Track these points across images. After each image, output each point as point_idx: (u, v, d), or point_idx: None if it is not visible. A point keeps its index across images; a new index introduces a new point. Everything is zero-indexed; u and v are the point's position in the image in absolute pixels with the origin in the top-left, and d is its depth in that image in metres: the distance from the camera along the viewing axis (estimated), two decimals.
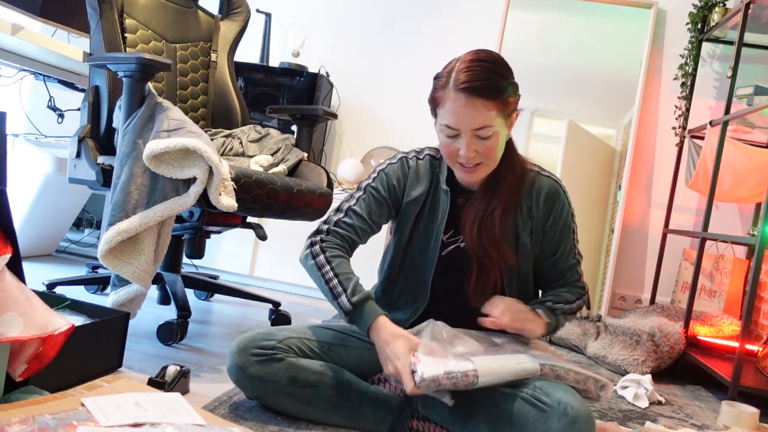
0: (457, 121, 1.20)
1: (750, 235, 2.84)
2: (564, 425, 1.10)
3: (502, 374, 1.15)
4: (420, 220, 1.37)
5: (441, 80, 1.24)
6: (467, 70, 1.19)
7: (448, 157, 1.27)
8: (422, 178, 1.37)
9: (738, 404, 1.72)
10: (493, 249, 1.29)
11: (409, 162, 1.38)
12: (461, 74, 1.19)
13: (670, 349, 2.16)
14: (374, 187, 1.37)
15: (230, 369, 1.26)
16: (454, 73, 1.20)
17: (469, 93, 1.18)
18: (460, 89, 1.18)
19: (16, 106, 2.55)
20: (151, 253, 1.54)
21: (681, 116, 2.98)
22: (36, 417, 0.86)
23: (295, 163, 1.98)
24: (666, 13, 3.09)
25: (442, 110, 1.23)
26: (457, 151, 1.24)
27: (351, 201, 1.36)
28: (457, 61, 1.23)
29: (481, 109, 1.18)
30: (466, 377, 1.11)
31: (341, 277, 1.26)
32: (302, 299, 2.77)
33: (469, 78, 1.18)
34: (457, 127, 1.21)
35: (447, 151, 1.26)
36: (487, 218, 1.29)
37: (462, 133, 1.21)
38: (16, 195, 2.47)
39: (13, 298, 0.94)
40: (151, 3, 1.98)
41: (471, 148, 1.21)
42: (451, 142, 1.24)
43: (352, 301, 1.23)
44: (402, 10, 3.27)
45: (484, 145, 1.22)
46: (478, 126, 1.20)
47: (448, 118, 1.21)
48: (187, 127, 1.54)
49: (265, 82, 2.94)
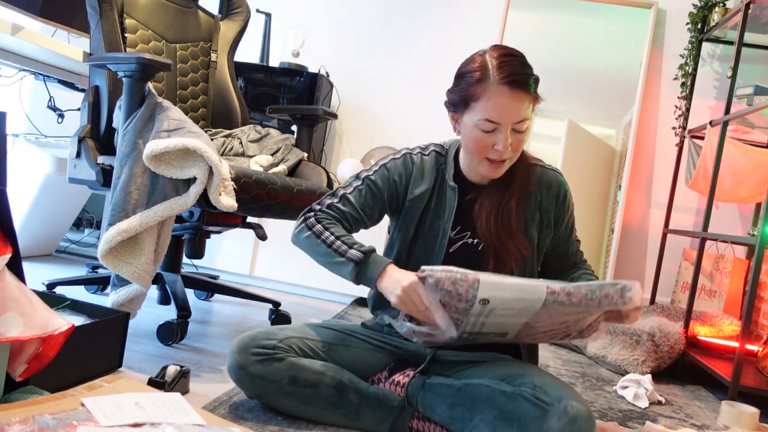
0: (501, 114, 1.20)
1: (750, 235, 2.84)
2: (564, 424, 1.10)
3: (504, 286, 1.07)
4: (425, 216, 1.36)
5: (474, 75, 1.22)
6: (506, 65, 1.20)
7: (479, 152, 1.25)
8: (427, 175, 1.36)
9: (738, 404, 1.72)
10: (510, 240, 1.30)
11: (414, 158, 1.38)
12: (502, 68, 1.19)
13: (670, 349, 2.16)
14: (372, 180, 1.36)
15: (231, 368, 1.26)
16: (492, 68, 1.20)
17: (513, 86, 1.19)
18: (505, 83, 1.18)
19: (16, 106, 2.55)
20: (151, 253, 1.54)
21: (681, 116, 2.98)
22: (36, 417, 0.86)
23: (295, 163, 1.98)
24: (666, 13, 3.09)
25: (480, 104, 1.21)
26: (491, 146, 1.23)
27: (347, 188, 1.36)
28: (484, 56, 1.23)
29: (524, 101, 1.20)
30: (466, 279, 1.06)
31: (343, 237, 1.27)
32: (302, 299, 2.77)
33: (511, 72, 1.19)
34: (500, 121, 1.20)
35: (480, 146, 1.24)
36: (503, 209, 1.30)
37: (502, 126, 1.21)
38: (16, 195, 2.47)
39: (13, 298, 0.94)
40: (151, 3, 1.98)
41: (508, 143, 1.22)
42: (487, 137, 1.23)
43: (362, 250, 1.24)
44: (402, 10, 3.27)
45: (518, 139, 1.24)
46: (519, 119, 1.21)
47: (489, 112, 1.20)
48: (187, 127, 1.54)
49: (265, 82, 2.94)
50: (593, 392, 1.85)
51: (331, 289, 2.80)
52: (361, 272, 1.24)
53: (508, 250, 1.31)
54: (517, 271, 1.34)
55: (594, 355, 2.30)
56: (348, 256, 1.24)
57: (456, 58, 1.37)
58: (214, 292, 2.42)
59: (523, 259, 1.34)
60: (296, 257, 2.81)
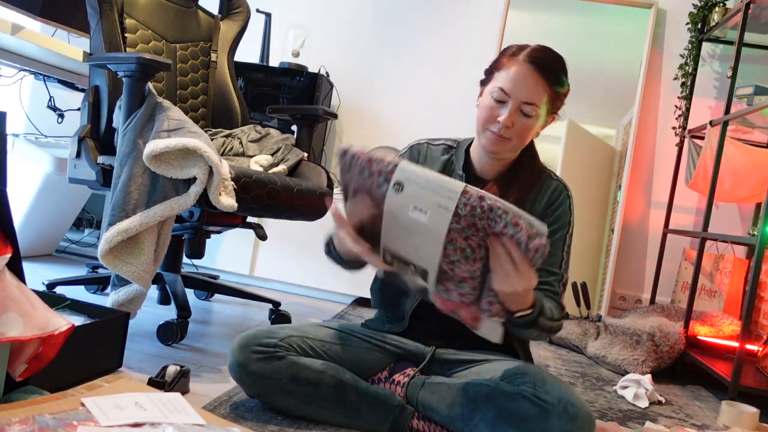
0: (513, 87, 1.24)
1: (750, 235, 2.84)
2: (564, 423, 1.10)
3: (421, 174, 1.01)
4: None
5: (511, 50, 1.29)
6: (541, 51, 1.27)
7: (485, 121, 1.28)
8: (434, 162, 1.38)
9: (738, 404, 1.72)
10: None
11: (420, 148, 1.41)
12: (535, 51, 1.26)
13: (670, 349, 2.16)
14: None
15: (231, 366, 1.26)
16: (528, 49, 1.27)
17: (536, 66, 1.24)
18: (530, 61, 1.25)
19: (16, 106, 2.55)
20: (151, 253, 1.54)
21: (681, 116, 2.98)
22: (36, 417, 0.86)
23: (295, 163, 1.98)
24: (666, 13, 3.09)
25: (500, 74, 1.27)
26: (496, 117, 1.26)
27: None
28: (531, 45, 1.29)
29: (539, 85, 1.25)
30: (383, 159, 1.02)
31: None
32: (302, 299, 2.77)
33: (541, 56, 1.26)
34: (510, 93, 1.25)
35: (487, 115, 1.28)
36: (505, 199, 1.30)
37: (512, 100, 1.25)
38: (16, 195, 2.47)
39: (13, 298, 0.94)
40: (151, 3, 1.98)
41: (511, 118, 1.25)
42: (496, 107, 1.27)
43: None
44: (402, 10, 3.27)
45: (522, 123, 1.26)
46: (528, 100, 1.24)
47: (504, 82, 1.25)
48: (187, 127, 1.54)
49: (265, 82, 2.94)
50: (593, 392, 1.85)
51: (331, 289, 2.80)
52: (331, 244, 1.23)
53: None
54: None
55: (594, 355, 2.30)
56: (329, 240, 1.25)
57: (456, 58, 1.38)
58: (214, 292, 2.42)
59: None
60: (296, 257, 2.82)
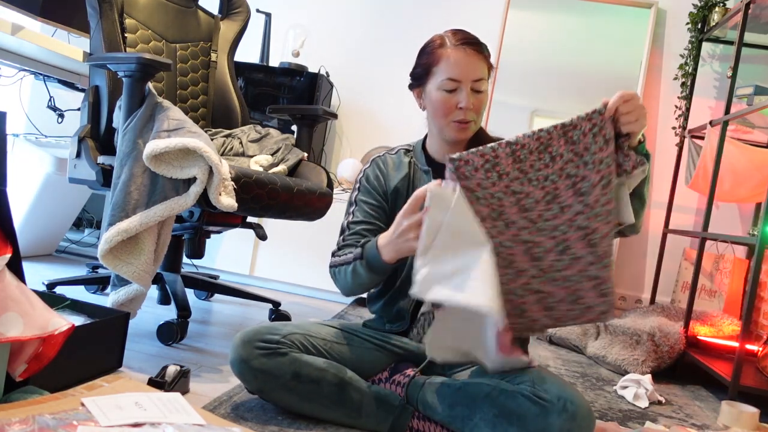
0: (461, 71, 1.29)
1: (750, 235, 2.84)
2: (564, 421, 1.11)
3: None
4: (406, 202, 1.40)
5: (434, 44, 1.33)
6: (461, 32, 1.33)
7: (446, 114, 1.33)
8: (399, 167, 1.43)
9: (738, 404, 1.72)
10: None
11: (383, 159, 1.46)
12: (457, 34, 1.32)
13: (670, 349, 2.16)
14: (362, 194, 1.42)
15: (233, 362, 1.26)
16: (447, 37, 1.32)
17: (469, 46, 1.30)
18: (461, 44, 1.30)
19: (16, 106, 2.55)
20: (151, 253, 1.54)
21: (681, 116, 2.98)
22: (36, 417, 0.86)
23: (295, 163, 1.98)
24: (666, 13, 3.09)
25: (441, 66, 1.31)
26: (456, 105, 1.31)
27: (348, 217, 1.41)
28: (441, 33, 1.35)
29: (480, 60, 1.31)
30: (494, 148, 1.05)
31: (347, 255, 1.31)
32: (302, 299, 2.77)
33: (465, 36, 1.32)
34: (460, 78, 1.29)
35: (446, 107, 1.32)
36: None
37: (463, 84, 1.30)
38: (16, 195, 2.47)
39: (13, 298, 0.94)
40: (151, 3, 1.98)
41: (470, 99, 1.30)
42: (450, 97, 1.31)
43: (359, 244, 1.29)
44: (402, 10, 3.27)
45: (478, 99, 1.32)
46: (478, 77, 1.30)
47: (450, 71, 1.30)
48: (187, 127, 1.54)
49: (265, 82, 2.94)
50: (593, 392, 1.85)
51: (331, 289, 2.79)
52: (366, 259, 1.26)
53: None
54: None
55: (594, 355, 2.30)
56: (353, 259, 1.29)
57: None
58: (214, 292, 2.42)
59: None
60: (296, 257, 2.82)
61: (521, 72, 3.17)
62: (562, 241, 1.10)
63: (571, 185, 1.07)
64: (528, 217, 1.09)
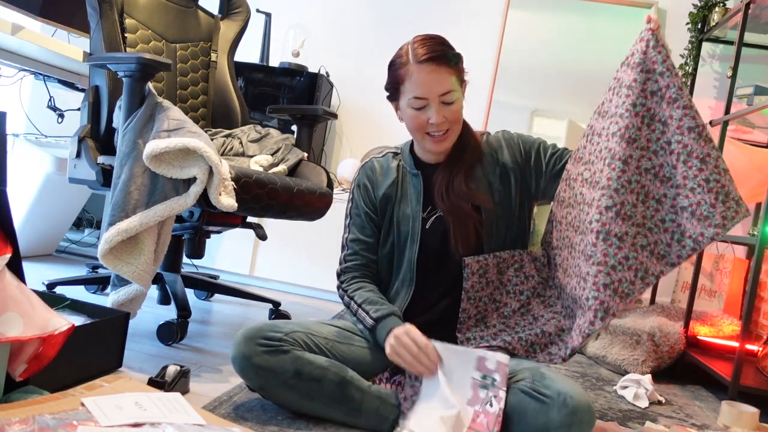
0: (425, 89, 1.29)
1: (750, 235, 2.84)
2: (564, 416, 1.11)
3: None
4: (396, 207, 1.43)
5: (400, 60, 1.33)
6: (422, 46, 1.30)
7: (418, 129, 1.34)
8: (388, 172, 1.45)
9: (738, 404, 1.72)
10: (463, 201, 1.36)
11: (371, 165, 1.48)
12: (419, 50, 1.30)
13: (670, 349, 2.16)
14: (354, 206, 1.47)
15: (235, 358, 1.26)
16: (411, 52, 1.31)
17: (432, 62, 1.28)
18: (423, 61, 1.28)
19: (16, 106, 2.55)
20: (151, 253, 1.54)
21: None
22: (36, 417, 0.86)
23: (295, 163, 1.98)
24: (666, 13, 3.09)
25: (407, 85, 1.32)
26: (427, 121, 1.32)
27: (345, 233, 1.46)
28: (409, 44, 1.34)
29: (444, 74, 1.29)
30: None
31: (365, 304, 1.36)
32: (302, 299, 2.77)
33: (428, 50, 1.29)
34: (426, 96, 1.29)
35: (416, 124, 1.33)
36: (453, 179, 1.38)
37: (430, 101, 1.30)
38: (16, 195, 2.47)
39: (13, 297, 0.94)
40: (151, 3, 1.98)
41: (440, 114, 1.30)
42: (420, 114, 1.32)
43: (374, 316, 1.33)
44: (402, 10, 3.27)
45: (451, 110, 1.32)
46: (444, 91, 1.29)
47: (415, 89, 1.30)
48: (187, 127, 1.54)
49: (265, 82, 2.94)
50: (593, 392, 1.86)
51: (331, 289, 2.80)
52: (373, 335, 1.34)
53: (463, 210, 1.36)
54: (486, 227, 1.37)
55: (594, 355, 2.30)
56: (365, 324, 1.35)
57: None
58: (214, 292, 2.42)
59: (488, 213, 1.37)
60: (296, 257, 2.82)
61: (521, 72, 3.17)
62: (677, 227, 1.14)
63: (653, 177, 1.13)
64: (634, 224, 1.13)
